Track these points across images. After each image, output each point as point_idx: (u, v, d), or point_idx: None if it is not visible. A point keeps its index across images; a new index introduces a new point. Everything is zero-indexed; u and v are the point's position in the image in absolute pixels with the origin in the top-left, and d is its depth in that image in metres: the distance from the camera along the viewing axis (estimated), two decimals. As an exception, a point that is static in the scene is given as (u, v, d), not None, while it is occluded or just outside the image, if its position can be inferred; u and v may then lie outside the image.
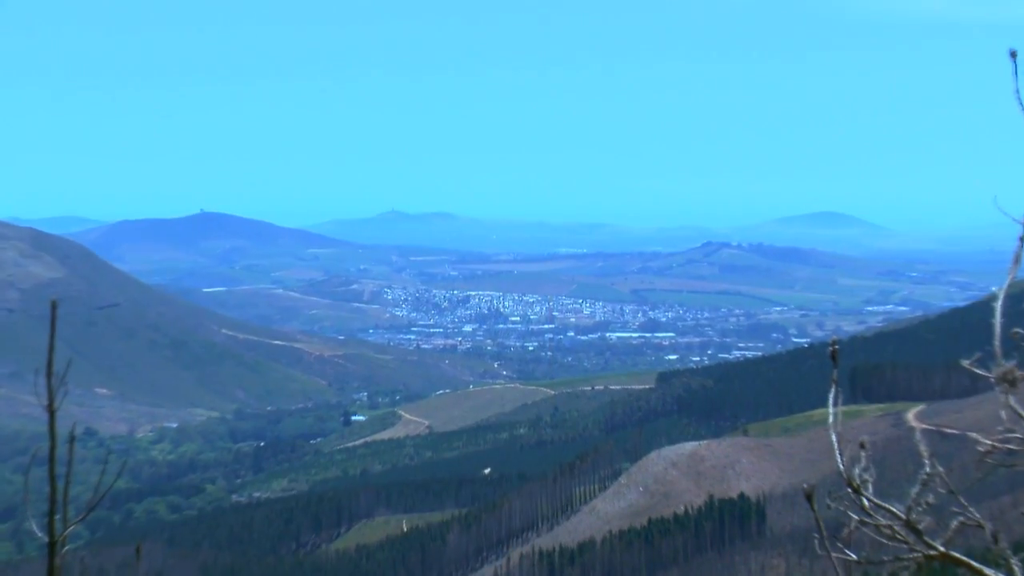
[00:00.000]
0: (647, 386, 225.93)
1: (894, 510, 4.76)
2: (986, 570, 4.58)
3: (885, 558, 4.69)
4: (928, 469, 4.76)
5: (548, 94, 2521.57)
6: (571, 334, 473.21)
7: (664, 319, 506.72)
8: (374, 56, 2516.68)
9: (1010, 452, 4.67)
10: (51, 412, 5.22)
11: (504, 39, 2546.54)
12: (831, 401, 4.96)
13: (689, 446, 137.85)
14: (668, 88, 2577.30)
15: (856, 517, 4.76)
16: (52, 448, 5.21)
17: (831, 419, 4.92)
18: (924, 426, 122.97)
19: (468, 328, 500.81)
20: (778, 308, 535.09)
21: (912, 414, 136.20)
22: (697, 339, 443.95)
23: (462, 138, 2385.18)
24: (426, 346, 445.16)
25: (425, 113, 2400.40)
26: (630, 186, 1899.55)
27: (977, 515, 4.69)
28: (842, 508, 4.81)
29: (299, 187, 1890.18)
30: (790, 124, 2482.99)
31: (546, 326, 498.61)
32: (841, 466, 4.76)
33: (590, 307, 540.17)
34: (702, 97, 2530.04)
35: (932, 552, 4.65)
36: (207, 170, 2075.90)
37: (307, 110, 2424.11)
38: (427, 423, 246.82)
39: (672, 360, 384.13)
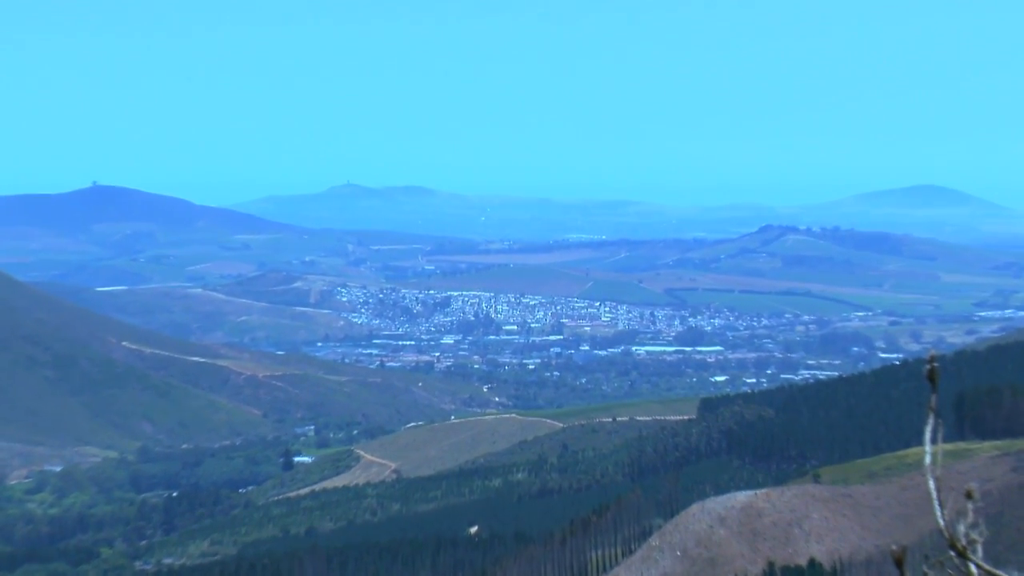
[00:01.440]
0: (686, 417, 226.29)
1: (1011, 580, 4.59)
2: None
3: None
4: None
5: (554, 40, 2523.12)
6: (585, 348, 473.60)
7: (709, 328, 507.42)
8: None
9: None
10: None
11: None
12: (928, 436, 4.79)
13: (742, 497, 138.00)
14: (713, 30, 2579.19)
15: (961, 588, 4.47)
16: None
17: (928, 460, 4.75)
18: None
19: (449, 340, 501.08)
20: (860, 313, 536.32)
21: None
22: (753, 354, 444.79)
23: (442, 95, 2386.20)
24: (393, 364, 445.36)
25: (393, 64, 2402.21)
26: (663, 153, 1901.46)
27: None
28: (943, 577, 4.54)
29: (224, 154, 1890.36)
30: (878, 75, 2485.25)
31: (552, 337, 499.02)
32: (942, 522, 4.63)
33: (610, 312, 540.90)
34: (760, 41, 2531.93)
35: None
36: (102, 133, 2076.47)
37: (235, 58, 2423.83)
38: (394, 466, 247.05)
39: (720, 382, 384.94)
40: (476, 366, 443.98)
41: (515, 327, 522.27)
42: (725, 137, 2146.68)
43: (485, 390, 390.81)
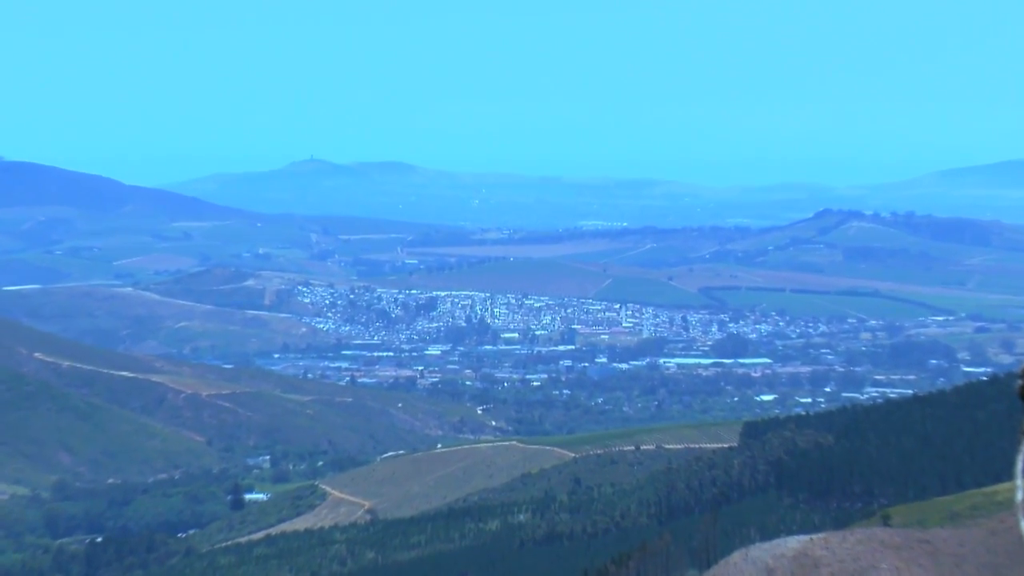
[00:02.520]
0: (726, 445, 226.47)
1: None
2: None
3: None
4: None
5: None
6: (602, 360, 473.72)
7: (754, 336, 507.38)
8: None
9: None
10: None
11: None
12: (1020, 468, 4.86)
13: (795, 543, 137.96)
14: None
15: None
16: None
17: (1020, 497, 4.80)
18: None
19: (435, 350, 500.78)
20: (939, 317, 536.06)
21: None
22: (807, 368, 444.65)
23: (426, 51, 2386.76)
24: (367, 380, 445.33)
25: (367, 15, 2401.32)
26: (698, 122, 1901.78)
27: None
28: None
29: (160, 124, 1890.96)
30: (959, 31, 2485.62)
31: (561, 347, 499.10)
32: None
33: (633, 316, 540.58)
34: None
35: None
36: (8, 99, 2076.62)
37: (175, 9, 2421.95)
38: (368, 505, 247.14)
39: (767, 402, 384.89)
40: (468, 383, 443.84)
41: (516, 335, 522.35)
42: (774, 103, 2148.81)
43: (479, 412, 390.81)
